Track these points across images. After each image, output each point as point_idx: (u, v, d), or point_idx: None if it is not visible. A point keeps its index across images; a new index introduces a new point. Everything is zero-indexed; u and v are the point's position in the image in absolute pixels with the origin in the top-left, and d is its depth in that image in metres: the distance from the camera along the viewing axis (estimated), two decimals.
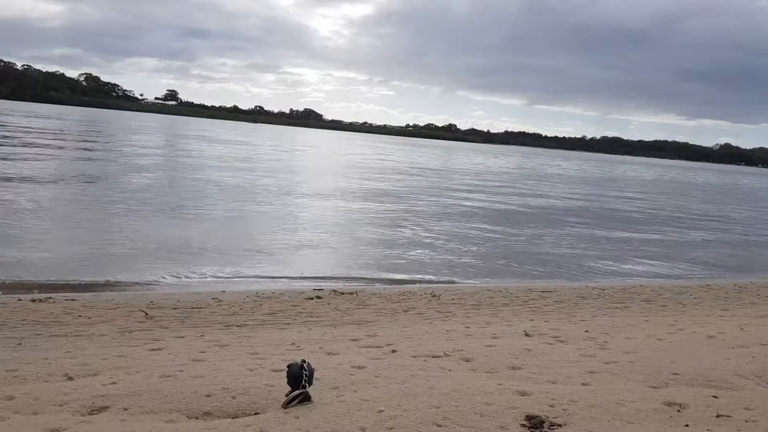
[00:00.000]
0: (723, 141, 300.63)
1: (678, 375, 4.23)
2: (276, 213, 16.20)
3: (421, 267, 11.18)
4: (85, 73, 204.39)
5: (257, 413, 3.27)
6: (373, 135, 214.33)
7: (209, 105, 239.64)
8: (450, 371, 4.22)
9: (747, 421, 3.35)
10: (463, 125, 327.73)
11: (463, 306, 7.89)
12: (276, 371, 3.94)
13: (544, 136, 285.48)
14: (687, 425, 3.27)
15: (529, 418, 3.27)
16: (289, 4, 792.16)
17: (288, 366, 3.40)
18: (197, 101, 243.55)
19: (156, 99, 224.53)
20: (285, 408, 3.28)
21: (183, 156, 35.23)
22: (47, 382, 3.78)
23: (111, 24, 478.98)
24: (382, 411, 3.27)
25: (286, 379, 3.38)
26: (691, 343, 5.52)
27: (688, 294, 9.85)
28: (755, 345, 5.43)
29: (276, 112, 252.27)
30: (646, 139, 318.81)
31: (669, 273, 12.78)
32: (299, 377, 3.33)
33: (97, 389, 3.56)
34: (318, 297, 8.03)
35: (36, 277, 8.35)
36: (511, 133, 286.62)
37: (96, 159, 27.98)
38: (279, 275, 9.73)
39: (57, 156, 26.98)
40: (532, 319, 7.05)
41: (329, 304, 7.64)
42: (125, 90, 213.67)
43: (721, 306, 8.78)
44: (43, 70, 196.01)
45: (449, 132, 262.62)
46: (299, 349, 4.97)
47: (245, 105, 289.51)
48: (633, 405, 3.52)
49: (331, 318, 6.83)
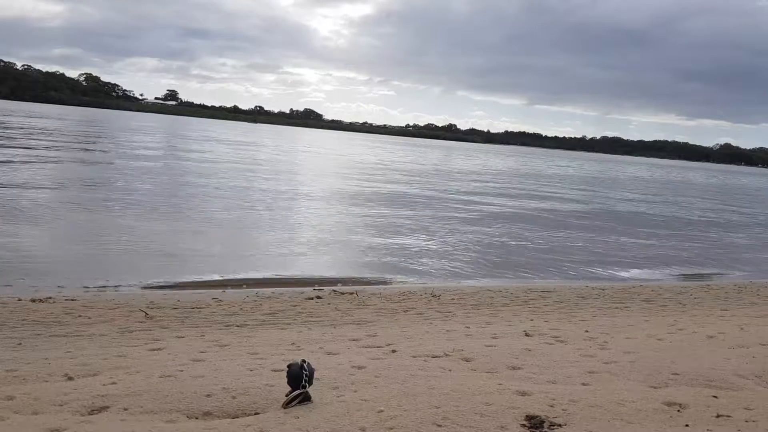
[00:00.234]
0: (723, 141, 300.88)
1: (678, 375, 4.23)
2: (276, 213, 16.20)
3: (422, 267, 11.18)
4: (85, 73, 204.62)
5: (257, 413, 3.27)
6: (373, 135, 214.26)
7: (209, 105, 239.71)
8: (450, 371, 4.22)
9: (747, 421, 3.35)
10: (463, 125, 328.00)
11: (463, 306, 7.89)
12: (276, 371, 3.94)
13: (544, 136, 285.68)
14: (687, 425, 3.27)
15: (529, 418, 3.27)
16: (289, 4, 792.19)
17: (288, 366, 3.40)
18: (197, 101, 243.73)
19: (156, 99, 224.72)
20: (285, 408, 3.28)
21: (184, 157, 35.22)
22: (47, 382, 3.78)
23: (111, 24, 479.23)
24: (382, 411, 3.27)
25: (286, 379, 3.38)
26: (691, 343, 5.52)
27: (688, 294, 9.85)
28: (755, 345, 5.43)
29: (276, 112, 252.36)
30: (646, 139, 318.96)
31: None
32: (299, 377, 3.33)
33: (97, 389, 3.56)
34: (318, 297, 8.03)
35: (37, 279, 8.35)
36: (511, 133, 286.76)
37: (98, 161, 27.99)
38: (279, 275, 9.73)
39: (58, 158, 26.98)
40: (532, 319, 7.05)
41: (329, 304, 7.64)
42: (125, 90, 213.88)
43: (721, 306, 8.79)
44: (43, 70, 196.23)
45: (449, 132, 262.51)
46: (299, 349, 4.97)
47: (245, 105, 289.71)
48: (633, 405, 3.53)
49: (331, 318, 6.83)
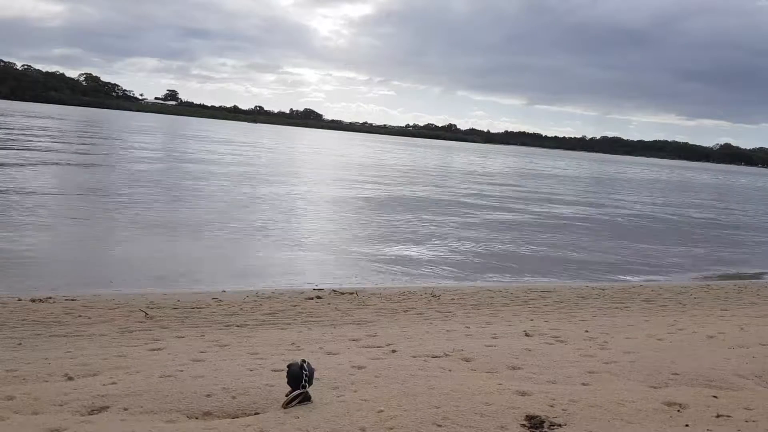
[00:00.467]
0: (723, 141, 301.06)
1: (678, 375, 4.23)
2: (277, 213, 16.19)
3: (422, 267, 11.18)
4: (85, 73, 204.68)
5: (257, 413, 3.27)
6: (373, 135, 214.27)
7: (209, 105, 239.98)
8: (450, 371, 4.22)
9: (747, 421, 3.35)
10: (463, 125, 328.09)
11: (463, 306, 7.89)
12: (276, 371, 3.94)
13: (544, 136, 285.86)
14: (687, 425, 3.27)
15: (529, 418, 3.27)
16: (289, 4, 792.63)
17: (288, 366, 3.40)
18: (197, 101, 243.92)
19: (156, 99, 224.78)
20: (285, 408, 3.28)
21: (184, 158, 35.21)
22: (47, 382, 3.78)
23: (111, 24, 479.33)
24: (382, 411, 3.27)
25: (286, 379, 3.38)
26: (691, 343, 5.52)
27: (688, 294, 9.85)
28: (755, 345, 5.43)
29: (276, 112, 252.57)
30: (646, 139, 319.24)
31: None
32: (299, 377, 3.33)
33: (97, 389, 3.56)
34: (318, 297, 8.03)
35: (37, 279, 8.35)
36: (511, 133, 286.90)
37: (98, 162, 27.98)
38: (279, 275, 9.73)
39: (57, 159, 26.97)
40: (532, 319, 7.05)
41: (329, 304, 7.64)
42: (125, 90, 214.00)
43: (721, 306, 8.78)
44: (43, 70, 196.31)
45: (449, 132, 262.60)
46: (299, 349, 4.97)
47: (245, 105, 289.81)
48: (633, 405, 3.52)
49: (331, 318, 6.83)
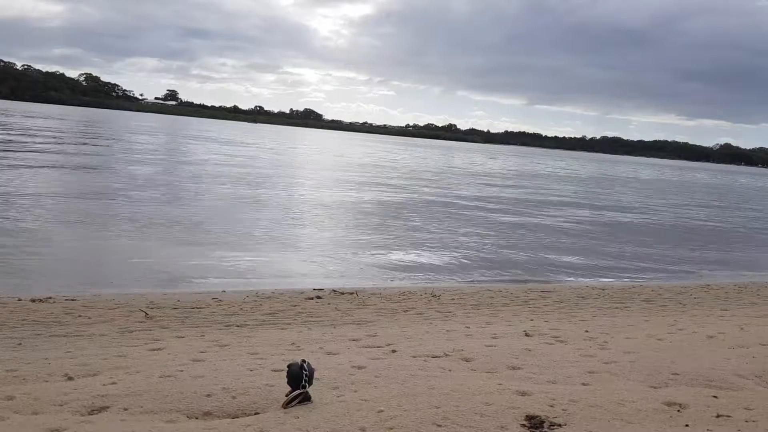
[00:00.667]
0: (723, 141, 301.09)
1: (678, 375, 4.23)
2: (278, 214, 16.20)
3: (422, 267, 11.18)
4: (85, 73, 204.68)
5: (257, 413, 3.27)
6: (373, 135, 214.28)
7: (209, 105, 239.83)
8: (450, 371, 4.22)
9: (747, 421, 3.35)
10: (463, 125, 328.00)
11: (463, 306, 7.89)
12: (276, 371, 3.94)
13: (544, 136, 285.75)
14: (687, 425, 3.27)
15: (529, 418, 3.27)
16: (289, 4, 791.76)
17: (288, 366, 3.40)
18: (197, 101, 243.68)
19: (156, 99, 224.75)
20: (285, 408, 3.28)
21: (185, 159, 35.20)
22: (47, 382, 3.78)
23: (111, 24, 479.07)
24: (382, 411, 3.27)
25: (286, 379, 3.38)
26: (691, 343, 5.52)
27: (688, 294, 9.85)
28: (755, 345, 5.43)
29: (276, 112, 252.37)
30: (646, 139, 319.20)
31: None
32: (299, 377, 3.33)
33: (97, 389, 3.56)
34: (318, 297, 8.03)
35: (37, 279, 8.35)
36: (511, 133, 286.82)
37: (98, 164, 27.98)
38: (279, 275, 9.73)
39: (58, 159, 26.97)
40: (532, 319, 7.05)
41: (329, 304, 7.64)
42: (125, 90, 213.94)
43: (721, 306, 8.79)
44: (43, 70, 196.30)
45: (449, 132, 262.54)
46: (299, 349, 4.97)
47: (245, 105, 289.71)
48: (633, 405, 3.52)
49: (331, 318, 6.83)
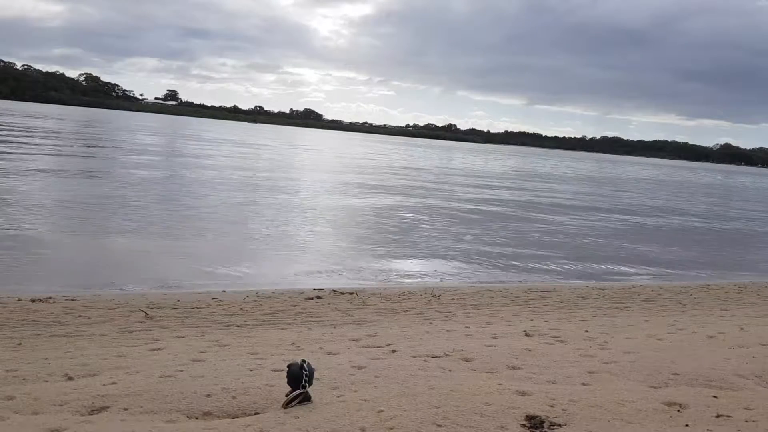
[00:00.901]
0: (723, 141, 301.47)
1: (678, 375, 4.22)
2: (279, 214, 16.19)
3: (422, 267, 11.18)
4: (85, 73, 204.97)
5: (257, 413, 3.27)
6: (373, 135, 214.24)
7: (209, 105, 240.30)
8: (450, 371, 4.21)
9: (747, 421, 3.35)
10: (463, 125, 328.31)
11: (463, 306, 7.88)
12: (276, 371, 3.94)
13: (544, 136, 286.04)
14: (687, 425, 3.27)
15: (529, 418, 3.27)
16: (289, 4, 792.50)
17: (288, 366, 3.40)
18: (197, 101, 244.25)
19: (156, 99, 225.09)
20: (285, 408, 3.28)
21: (185, 159, 35.19)
22: (47, 382, 3.78)
23: (111, 24, 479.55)
24: (382, 411, 3.27)
25: (286, 379, 3.38)
26: (691, 343, 5.52)
27: (688, 294, 9.85)
28: (755, 345, 5.42)
29: (276, 112, 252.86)
30: (646, 139, 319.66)
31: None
32: (299, 377, 3.33)
33: (97, 389, 3.56)
34: (318, 297, 8.03)
35: (37, 279, 8.35)
36: (511, 133, 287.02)
37: (99, 164, 27.97)
38: (279, 275, 9.73)
39: (58, 159, 26.96)
40: (532, 319, 7.05)
41: (329, 304, 7.64)
42: (125, 90, 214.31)
43: (721, 306, 8.79)
44: (43, 70, 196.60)
45: (449, 132, 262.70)
46: (299, 349, 4.97)
47: (245, 105, 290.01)
48: (633, 405, 3.52)
49: (331, 318, 6.83)
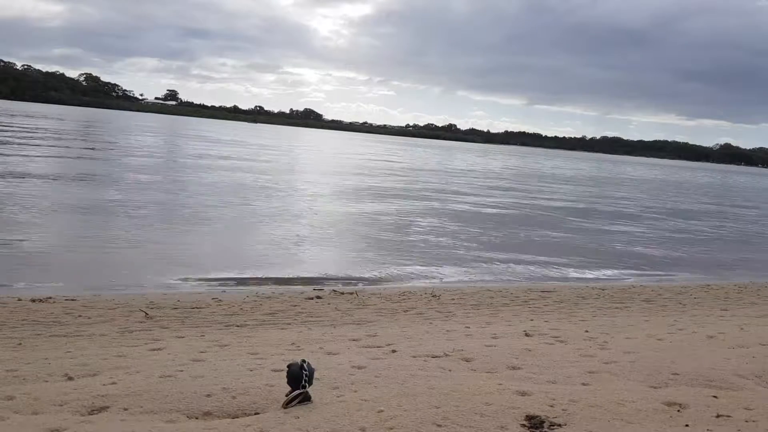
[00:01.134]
0: (723, 141, 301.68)
1: (678, 375, 4.22)
2: (279, 214, 16.19)
3: (421, 267, 11.17)
4: (85, 73, 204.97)
5: (257, 413, 3.27)
6: (374, 135, 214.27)
7: (209, 105, 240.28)
8: (450, 371, 4.21)
9: (747, 421, 3.35)
10: (463, 125, 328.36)
11: (463, 306, 7.88)
12: (276, 371, 3.94)
13: (544, 136, 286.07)
14: (687, 425, 3.27)
15: (529, 418, 3.27)
16: (289, 4, 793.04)
17: (288, 366, 3.40)
18: (197, 101, 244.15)
19: (156, 99, 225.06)
20: (285, 408, 3.28)
21: (186, 160, 35.19)
22: (47, 382, 3.78)
23: (111, 24, 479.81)
24: (382, 411, 3.27)
25: (286, 379, 3.38)
26: (691, 343, 5.52)
27: (688, 294, 9.85)
28: (755, 345, 5.42)
29: (276, 112, 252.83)
30: (646, 139, 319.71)
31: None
32: (299, 377, 3.33)
33: (97, 389, 3.56)
34: (318, 297, 8.03)
35: (37, 279, 8.35)
36: (511, 133, 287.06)
37: (99, 166, 27.96)
38: (279, 275, 9.72)
39: (58, 159, 26.96)
40: (532, 319, 7.05)
41: (329, 304, 7.64)
42: (125, 90, 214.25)
43: (721, 306, 8.79)
44: (43, 70, 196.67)
45: (449, 132, 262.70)
46: (299, 349, 4.97)
47: (245, 105, 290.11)
48: (633, 405, 3.52)
49: (331, 318, 6.83)
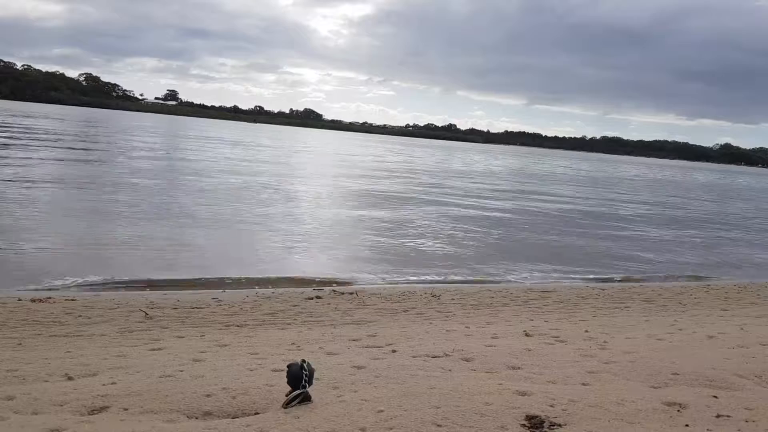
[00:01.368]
0: (723, 141, 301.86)
1: (678, 375, 4.22)
2: (279, 214, 16.20)
3: (422, 267, 11.17)
4: (85, 73, 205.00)
5: (257, 413, 3.27)
6: (374, 135, 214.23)
7: (209, 105, 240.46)
8: (450, 371, 4.21)
9: (747, 421, 3.34)
10: (463, 125, 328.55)
11: (463, 306, 7.88)
12: (276, 371, 3.94)
13: (544, 136, 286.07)
14: (687, 425, 3.27)
15: (529, 418, 3.27)
16: (289, 3, 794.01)
17: (288, 366, 3.40)
18: (197, 101, 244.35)
19: (156, 99, 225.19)
20: (285, 408, 3.28)
21: (186, 160, 35.18)
22: (47, 382, 3.78)
23: (111, 24, 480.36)
24: (382, 411, 3.27)
25: (286, 379, 3.38)
26: (691, 343, 5.52)
27: (688, 294, 9.85)
28: (755, 345, 5.42)
29: (276, 112, 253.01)
30: (645, 139, 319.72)
31: None
32: (299, 377, 3.33)
33: (97, 389, 3.55)
34: (318, 297, 8.03)
35: (37, 279, 8.34)
36: (511, 133, 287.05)
37: (99, 168, 27.96)
38: (279, 275, 9.73)
39: (58, 160, 26.96)
40: (532, 319, 7.05)
41: (329, 304, 7.64)
42: (125, 90, 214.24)
43: (721, 306, 8.79)
44: (43, 70, 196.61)
45: (449, 132, 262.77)
46: (299, 349, 4.97)
47: (245, 105, 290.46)
48: (633, 405, 3.52)
49: (331, 318, 6.83)
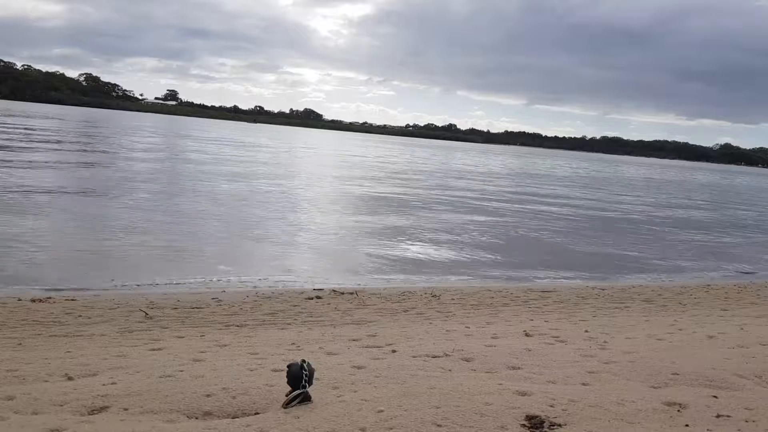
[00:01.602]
0: (723, 141, 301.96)
1: (678, 375, 4.22)
2: (278, 214, 16.19)
3: (422, 267, 11.17)
4: (85, 73, 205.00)
5: (257, 413, 3.27)
6: (374, 135, 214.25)
7: (209, 105, 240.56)
8: (450, 371, 4.21)
9: (747, 421, 3.34)
10: (463, 125, 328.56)
11: (463, 306, 7.88)
12: (276, 371, 3.94)
13: (544, 136, 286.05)
14: (687, 425, 3.27)
15: (529, 418, 3.27)
16: (289, 3, 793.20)
17: (288, 366, 3.40)
18: (197, 101, 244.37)
19: (156, 99, 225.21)
20: (285, 408, 3.28)
21: (187, 160, 35.18)
22: (47, 382, 3.78)
23: (111, 24, 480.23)
24: (382, 411, 3.27)
25: (286, 379, 3.38)
26: (691, 343, 5.52)
27: (688, 294, 9.85)
28: (755, 345, 5.42)
29: (276, 112, 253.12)
30: (645, 139, 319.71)
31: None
32: (299, 377, 3.33)
33: (97, 389, 3.56)
34: (318, 297, 8.03)
35: (37, 279, 8.34)
36: (511, 133, 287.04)
37: (99, 169, 27.96)
38: (279, 275, 9.72)
39: (58, 160, 26.96)
40: (532, 319, 7.05)
41: (329, 304, 7.64)
42: (125, 90, 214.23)
43: (721, 306, 8.79)
44: (43, 70, 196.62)
45: (449, 132, 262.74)
46: (299, 349, 4.97)
47: (245, 105, 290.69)
48: (633, 405, 3.52)
49: (331, 318, 6.83)
